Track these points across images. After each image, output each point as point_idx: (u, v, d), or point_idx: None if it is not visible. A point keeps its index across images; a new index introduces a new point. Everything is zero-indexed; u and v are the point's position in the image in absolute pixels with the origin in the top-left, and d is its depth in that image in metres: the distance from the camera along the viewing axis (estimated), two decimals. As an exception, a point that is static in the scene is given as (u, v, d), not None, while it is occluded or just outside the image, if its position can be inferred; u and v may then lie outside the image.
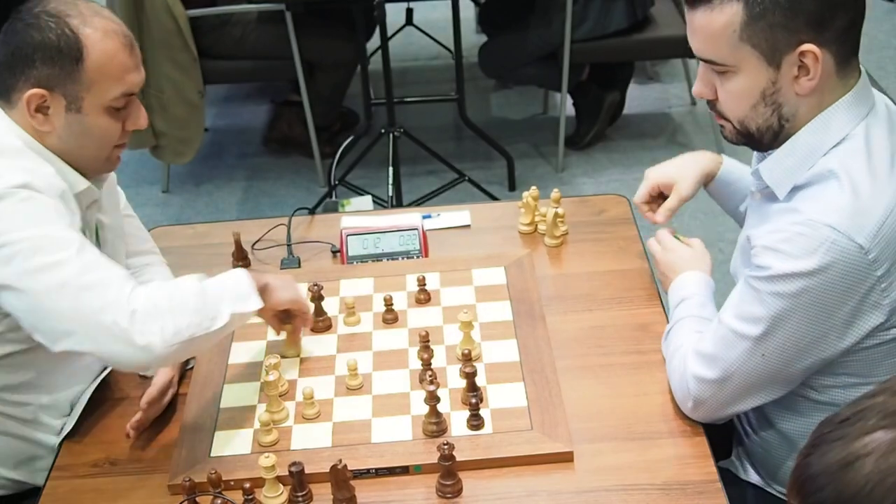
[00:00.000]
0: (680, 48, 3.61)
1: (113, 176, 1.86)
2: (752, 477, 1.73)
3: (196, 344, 1.53)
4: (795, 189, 1.47)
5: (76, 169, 1.64)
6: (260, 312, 1.65)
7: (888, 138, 1.46)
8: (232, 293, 1.58)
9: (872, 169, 1.42)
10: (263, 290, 1.65)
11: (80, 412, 1.70)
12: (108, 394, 1.76)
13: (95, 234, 1.73)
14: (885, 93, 1.57)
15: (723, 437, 1.74)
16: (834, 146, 1.45)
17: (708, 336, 1.56)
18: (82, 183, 1.64)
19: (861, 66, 1.49)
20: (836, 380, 1.52)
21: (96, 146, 1.64)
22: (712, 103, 1.54)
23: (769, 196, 1.54)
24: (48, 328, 1.49)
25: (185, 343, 1.50)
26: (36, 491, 1.73)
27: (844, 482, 0.81)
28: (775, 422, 1.63)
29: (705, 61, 1.49)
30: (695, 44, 1.49)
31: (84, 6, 1.59)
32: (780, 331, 1.44)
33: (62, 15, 1.56)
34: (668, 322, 1.76)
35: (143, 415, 1.63)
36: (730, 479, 1.67)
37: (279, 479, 1.50)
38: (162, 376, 1.68)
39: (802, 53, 1.40)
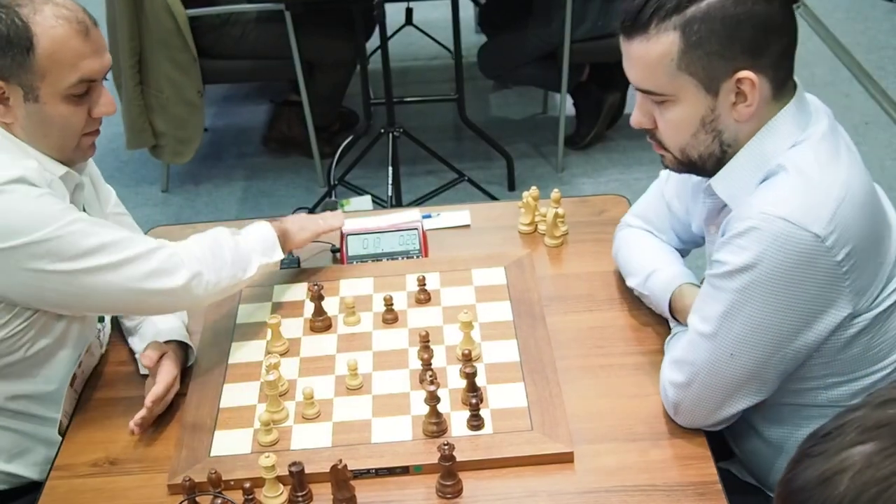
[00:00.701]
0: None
1: (97, 173, 1.87)
2: (752, 479, 1.72)
3: (228, 291, 1.76)
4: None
5: (50, 157, 1.63)
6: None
7: (831, 136, 1.47)
8: (261, 246, 1.80)
9: (819, 158, 1.43)
10: (284, 237, 1.86)
11: (71, 410, 1.70)
12: (107, 393, 1.76)
13: None
14: (884, 92, 1.57)
15: (724, 438, 1.74)
16: (786, 151, 1.45)
17: (679, 341, 1.56)
18: (60, 168, 1.64)
19: (796, 79, 1.50)
20: (819, 381, 1.52)
21: (60, 135, 1.63)
22: (651, 133, 1.53)
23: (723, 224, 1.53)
24: (97, 309, 1.70)
25: (221, 292, 1.73)
26: (32, 486, 1.73)
27: (824, 498, 0.82)
28: (760, 429, 1.63)
29: (643, 91, 1.48)
30: (632, 74, 1.48)
31: None
32: (740, 326, 1.44)
33: (12, 4, 1.55)
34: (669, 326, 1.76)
35: (147, 412, 1.63)
36: (730, 481, 1.67)
37: (279, 478, 1.50)
38: (166, 374, 1.67)
39: (739, 80, 1.41)
